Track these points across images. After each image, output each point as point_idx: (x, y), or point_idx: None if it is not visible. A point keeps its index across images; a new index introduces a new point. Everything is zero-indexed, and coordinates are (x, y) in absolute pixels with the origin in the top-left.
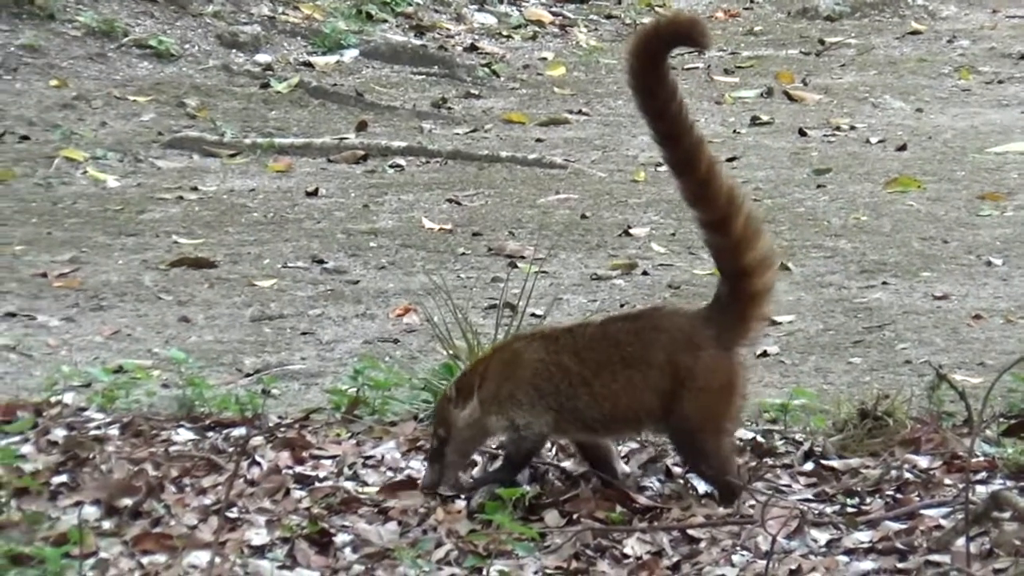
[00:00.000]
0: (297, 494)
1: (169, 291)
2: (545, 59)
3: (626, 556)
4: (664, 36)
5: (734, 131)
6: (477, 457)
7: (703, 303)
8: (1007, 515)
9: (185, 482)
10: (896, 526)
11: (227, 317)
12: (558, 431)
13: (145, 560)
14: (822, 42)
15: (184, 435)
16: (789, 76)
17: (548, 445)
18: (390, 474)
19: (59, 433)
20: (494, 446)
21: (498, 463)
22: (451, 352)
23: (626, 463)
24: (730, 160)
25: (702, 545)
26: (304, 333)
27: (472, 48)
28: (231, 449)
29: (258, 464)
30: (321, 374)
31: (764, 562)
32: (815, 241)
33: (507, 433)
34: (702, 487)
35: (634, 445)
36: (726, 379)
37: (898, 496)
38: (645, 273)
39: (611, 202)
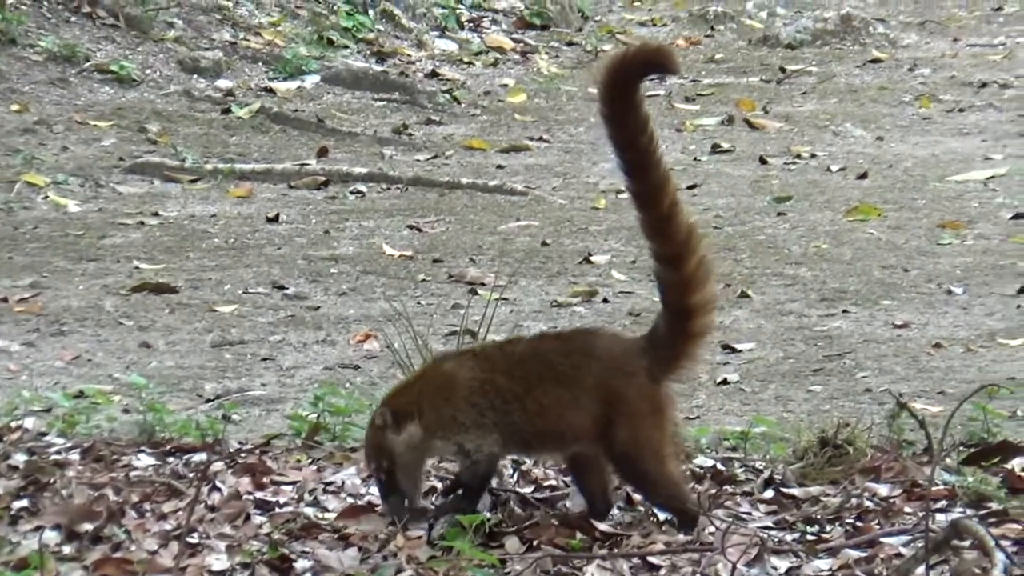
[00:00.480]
0: (258, 520)
1: (130, 316)
2: (506, 86)
3: None
4: (634, 64)
5: (695, 159)
6: (437, 484)
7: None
8: (967, 543)
9: (146, 507)
10: (856, 554)
11: (188, 343)
12: (504, 449)
13: None
14: (783, 70)
15: (145, 460)
16: (750, 104)
17: (510, 472)
18: (351, 500)
19: (20, 458)
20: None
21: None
22: None
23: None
24: (691, 188)
25: (662, 572)
26: (265, 359)
27: (433, 74)
28: (192, 474)
29: (219, 490)
30: (282, 400)
31: None
32: (775, 269)
33: (459, 459)
34: (663, 514)
35: None
36: (656, 406)
37: (858, 524)
38: (606, 300)
39: (572, 229)
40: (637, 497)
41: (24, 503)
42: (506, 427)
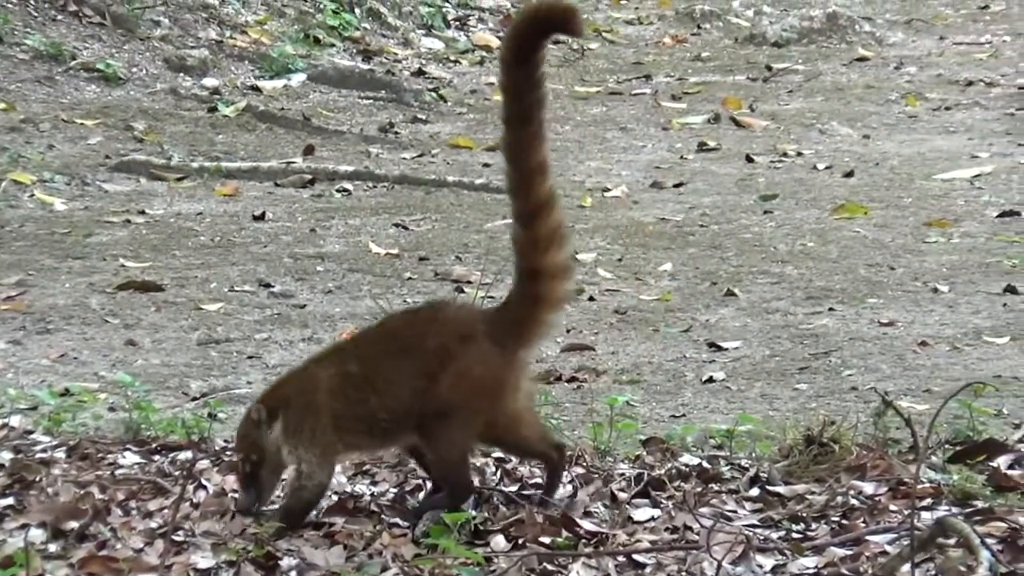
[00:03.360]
0: (243, 518)
1: (116, 314)
2: (492, 84)
3: None
4: (541, 19)
5: (681, 157)
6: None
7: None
8: (952, 541)
9: (131, 505)
10: (842, 552)
11: (174, 341)
12: (352, 448)
13: None
14: (769, 68)
15: (130, 458)
16: (736, 102)
17: (493, 469)
18: (336, 498)
19: (5, 456)
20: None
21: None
22: None
23: (573, 492)
24: (677, 186)
25: (647, 570)
26: (251, 357)
27: (419, 73)
28: (177, 472)
29: (204, 487)
30: None
31: None
32: (761, 267)
33: (292, 477)
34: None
35: (580, 470)
36: (489, 373)
37: (844, 522)
38: (591, 299)
39: None
40: (623, 496)
41: (10, 501)
42: (361, 420)
